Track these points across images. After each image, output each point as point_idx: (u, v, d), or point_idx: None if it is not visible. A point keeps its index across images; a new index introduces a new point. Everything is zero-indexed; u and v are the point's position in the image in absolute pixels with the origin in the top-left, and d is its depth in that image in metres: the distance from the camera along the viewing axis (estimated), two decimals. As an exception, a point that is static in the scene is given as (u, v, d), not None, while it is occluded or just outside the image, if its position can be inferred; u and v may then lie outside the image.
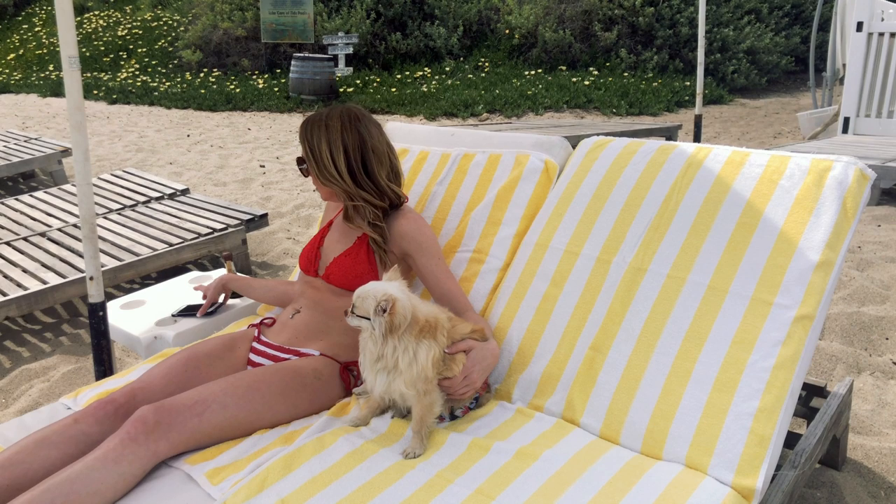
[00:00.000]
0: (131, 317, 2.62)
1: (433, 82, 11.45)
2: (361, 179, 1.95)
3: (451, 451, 1.60)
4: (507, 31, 12.65)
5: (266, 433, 1.72)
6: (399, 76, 11.97)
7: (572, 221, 2.04)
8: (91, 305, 2.31)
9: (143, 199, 4.69)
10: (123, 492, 1.52)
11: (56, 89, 12.56)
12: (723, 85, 11.08)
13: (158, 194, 4.77)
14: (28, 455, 1.57)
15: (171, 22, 15.19)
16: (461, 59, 12.54)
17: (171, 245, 3.78)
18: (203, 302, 2.46)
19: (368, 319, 1.60)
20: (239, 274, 2.36)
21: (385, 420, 1.72)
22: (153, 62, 13.78)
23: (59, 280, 3.37)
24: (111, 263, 3.53)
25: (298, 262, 2.13)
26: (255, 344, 1.98)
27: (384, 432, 1.68)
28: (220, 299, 2.48)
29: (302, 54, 10.91)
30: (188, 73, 12.93)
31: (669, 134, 7.09)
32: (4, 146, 6.29)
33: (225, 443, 1.68)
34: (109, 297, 3.75)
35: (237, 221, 4.11)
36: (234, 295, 2.74)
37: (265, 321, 2.05)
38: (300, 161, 2.02)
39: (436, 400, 1.65)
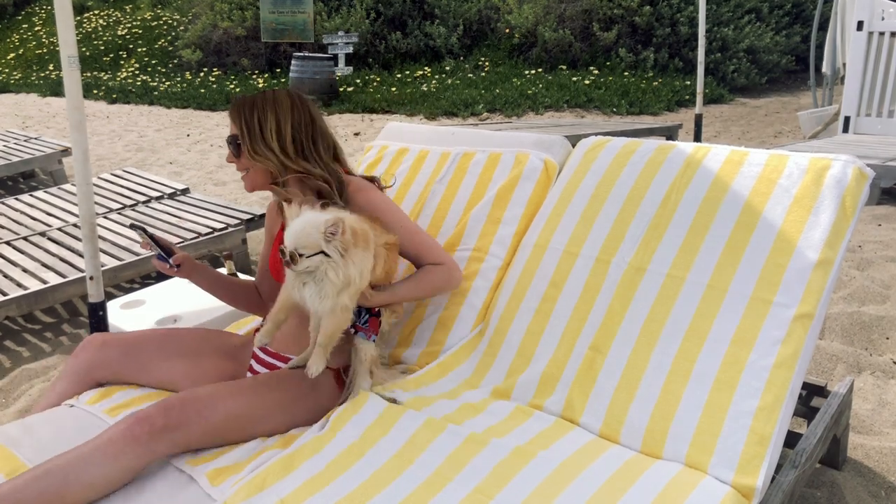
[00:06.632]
0: (131, 316, 2.62)
1: (433, 82, 11.45)
2: (309, 154, 1.88)
3: (449, 448, 1.59)
4: (507, 31, 12.65)
5: (267, 439, 1.72)
6: (399, 75, 11.97)
7: (571, 222, 2.04)
8: (91, 305, 2.31)
9: (143, 198, 4.69)
10: (118, 485, 1.53)
11: (56, 89, 12.55)
12: (723, 84, 11.07)
13: (158, 194, 4.77)
14: None
15: (170, 21, 15.18)
16: (461, 58, 12.53)
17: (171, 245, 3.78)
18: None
19: (318, 254, 1.60)
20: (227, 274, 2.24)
21: (379, 407, 1.71)
22: (153, 62, 13.77)
23: (59, 280, 3.37)
24: (111, 263, 3.53)
25: (270, 271, 2.06)
26: (255, 349, 1.97)
27: (380, 419, 1.68)
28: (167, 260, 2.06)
29: (302, 53, 10.90)
30: (188, 73, 12.92)
31: (670, 133, 7.08)
32: (4, 146, 6.28)
33: (225, 446, 1.68)
34: (109, 296, 3.75)
35: (237, 221, 4.11)
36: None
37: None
38: (232, 138, 1.89)
39: (351, 316, 1.69)
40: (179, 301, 2.73)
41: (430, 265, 1.93)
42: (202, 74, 12.72)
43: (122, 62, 14.11)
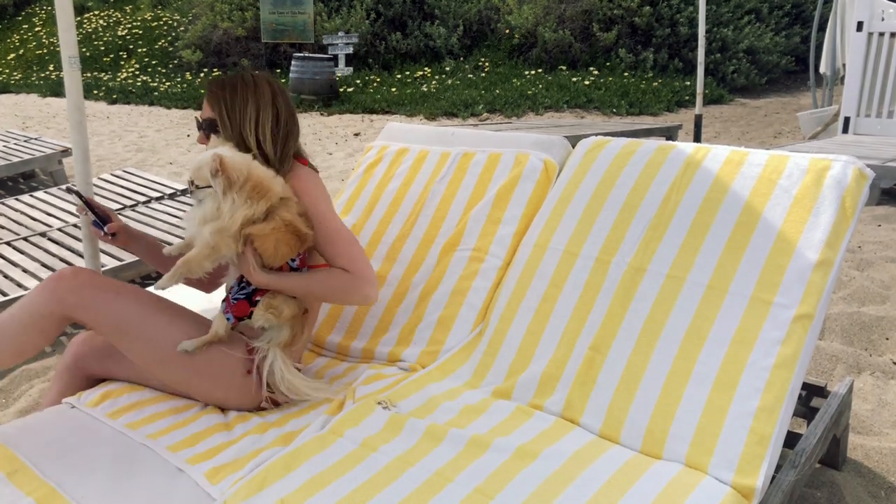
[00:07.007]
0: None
1: (433, 82, 11.45)
2: (280, 150, 1.85)
3: (451, 449, 1.59)
4: (507, 31, 12.65)
5: (265, 433, 1.71)
6: (399, 76, 11.97)
7: (571, 222, 2.04)
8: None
9: (143, 199, 4.69)
10: (31, 330, 1.70)
11: (56, 89, 12.55)
12: (723, 85, 11.08)
13: (158, 194, 4.77)
14: None
15: (171, 22, 15.18)
16: (461, 58, 12.54)
17: (171, 245, 3.78)
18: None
19: (209, 188, 1.67)
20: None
21: (382, 419, 1.72)
22: (153, 62, 13.78)
23: (59, 280, 3.36)
24: (111, 263, 3.53)
25: None
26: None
27: (382, 431, 1.68)
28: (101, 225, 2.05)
29: (302, 54, 10.90)
30: (188, 73, 12.93)
31: (669, 134, 7.08)
32: (4, 146, 6.29)
33: (222, 442, 1.68)
34: (109, 296, 3.74)
35: (237, 221, 4.11)
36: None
37: None
38: (208, 123, 1.86)
39: (215, 259, 1.71)
40: (179, 301, 2.73)
41: (337, 269, 1.83)
42: (202, 75, 12.72)
43: (122, 63, 14.11)
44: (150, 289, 1.77)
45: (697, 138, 6.45)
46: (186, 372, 1.79)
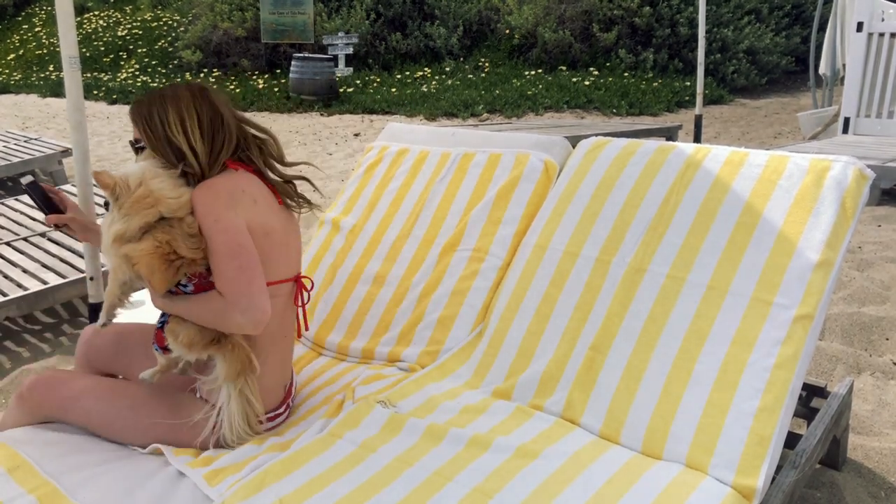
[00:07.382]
0: (131, 317, 2.62)
1: (433, 82, 11.45)
2: (210, 153, 1.73)
3: (450, 449, 1.59)
4: (507, 32, 12.65)
5: (263, 443, 1.70)
6: (399, 76, 11.97)
7: (571, 222, 2.04)
8: (91, 305, 2.32)
9: (143, 199, 4.68)
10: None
11: (56, 89, 12.55)
12: (723, 85, 11.07)
13: (158, 194, 4.76)
14: None
15: (170, 22, 15.18)
16: (461, 59, 12.54)
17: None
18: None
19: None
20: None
21: (381, 420, 1.72)
22: (153, 62, 13.77)
23: (60, 280, 3.37)
24: (111, 263, 3.52)
25: None
26: None
27: (381, 432, 1.68)
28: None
29: (302, 54, 10.90)
30: (188, 74, 12.92)
31: (670, 134, 7.08)
32: (4, 146, 6.28)
33: (221, 450, 1.68)
34: (109, 297, 3.75)
35: (237, 221, 4.10)
36: None
37: None
38: (134, 142, 1.77)
39: (121, 283, 1.69)
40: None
41: (216, 291, 1.65)
42: (202, 75, 12.71)
43: (122, 63, 14.11)
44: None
45: (697, 139, 6.45)
46: (162, 436, 1.73)
